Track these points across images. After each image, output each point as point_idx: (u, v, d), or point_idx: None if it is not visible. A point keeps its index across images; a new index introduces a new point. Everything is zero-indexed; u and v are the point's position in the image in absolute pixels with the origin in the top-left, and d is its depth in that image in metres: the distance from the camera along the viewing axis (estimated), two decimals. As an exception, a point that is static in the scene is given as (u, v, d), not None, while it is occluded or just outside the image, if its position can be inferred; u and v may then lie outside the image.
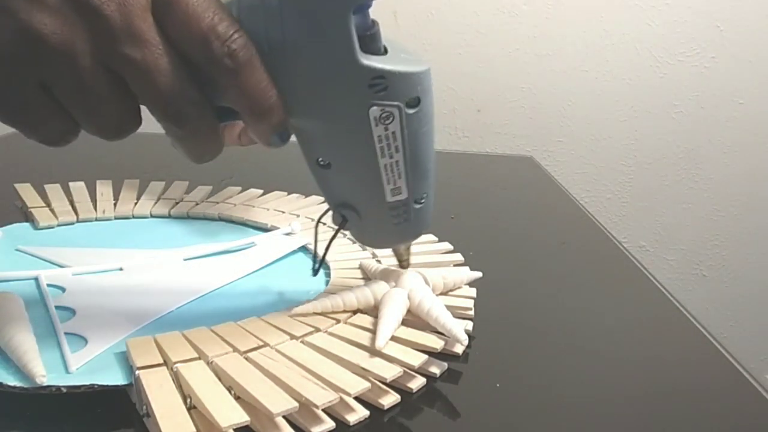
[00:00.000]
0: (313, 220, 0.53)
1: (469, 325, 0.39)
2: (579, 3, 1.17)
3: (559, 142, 1.26)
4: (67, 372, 0.30)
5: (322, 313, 0.37)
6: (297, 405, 0.27)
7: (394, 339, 0.35)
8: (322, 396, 0.28)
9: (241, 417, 0.26)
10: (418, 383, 0.33)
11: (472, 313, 0.40)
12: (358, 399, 0.30)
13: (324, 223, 0.38)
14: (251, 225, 0.53)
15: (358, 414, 0.30)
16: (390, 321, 0.35)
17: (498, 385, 0.34)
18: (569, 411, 0.33)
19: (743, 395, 0.35)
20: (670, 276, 1.34)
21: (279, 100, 0.28)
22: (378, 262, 0.45)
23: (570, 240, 0.59)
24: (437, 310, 0.36)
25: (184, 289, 0.40)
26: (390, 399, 0.31)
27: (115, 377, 0.30)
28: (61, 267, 0.42)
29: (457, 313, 0.39)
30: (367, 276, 0.43)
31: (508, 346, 0.39)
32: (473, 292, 0.42)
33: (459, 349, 0.36)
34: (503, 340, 0.40)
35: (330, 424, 0.29)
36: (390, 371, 0.31)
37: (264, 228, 0.53)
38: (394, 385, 0.32)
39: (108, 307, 0.37)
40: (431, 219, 0.36)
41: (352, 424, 0.29)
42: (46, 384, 0.28)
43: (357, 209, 0.34)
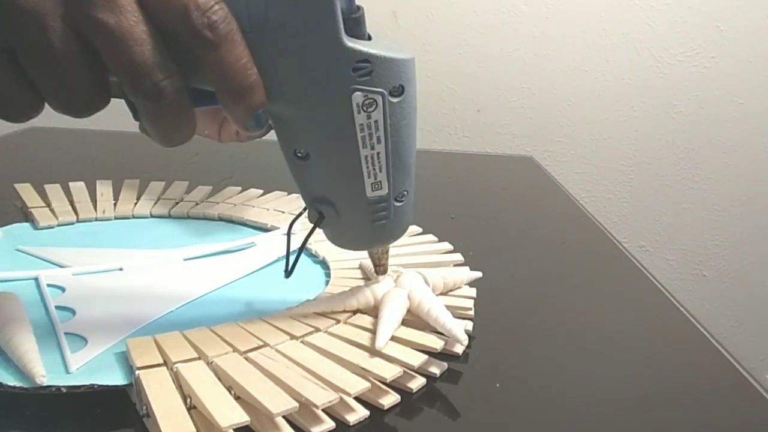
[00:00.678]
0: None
1: (469, 325, 0.39)
2: (579, 3, 1.17)
3: (559, 142, 1.26)
4: (67, 372, 0.30)
5: (322, 313, 0.37)
6: (297, 405, 0.27)
7: (394, 339, 0.35)
8: (322, 396, 0.28)
9: (241, 417, 0.26)
10: (418, 383, 0.33)
11: (472, 313, 0.40)
12: (358, 399, 0.30)
13: (294, 233, 0.37)
14: (251, 225, 0.53)
15: (358, 414, 0.30)
16: (390, 321, 0.35)
17: (498, 385, 0.34)
18: (569, 411, 0.33)
19: (743, 395, 0.35)
20: (670, 276, 1.34)
21: (259, 79, 0.27)
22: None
23: (570, 240, 0.59)
24: (437, 310, 0.36)
25: (184, 289, 0.40)
26: (390, 399, 0.31)
27: (115, 377, 0.30)
28: (61, 267, 0.42)
29: (457, 313, 0.39)
30: (367, 276, 0.43)
31: (508, 346, 0.39)
32: (473, 292, 0.42)
33: (459, 349, 0.36)
34: (503, 340, 0.40)
35: (330, 424, 0.29)
36: (390, 371, 0.31)
37: (264, 228, 0.53)
38: (394, 385, 0.32)
39: (108, 307, 0.37)
40: (411, 221, 0.35)
41: (352, 424, 0.29)
42: (46, 384, 0.28)
43: (335, 205, 0.32)
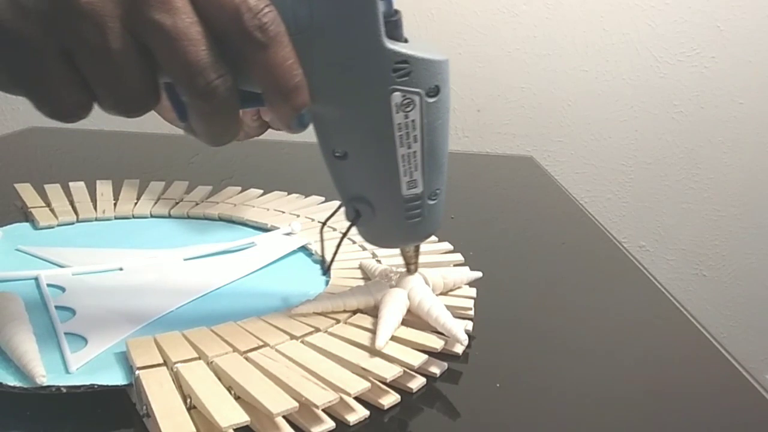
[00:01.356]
0: (313, 220, 0.53)
1: (469, 325, 0.39)
2: (579, 3, 1.17)
3: (559, 142, 1.26)
4: (67, 372, 0.30)
5: (322, 313, 0.37)
6: (297, 405, 0.27)
7: (394, 339, 0.35)
8: (322, 396, 0.28)
9: (241, 417, 0.26)
10: (418, 383, 0.33)
11: (472, 313, 0.40)
12: (358, 399, 0.30)
13: (333, 228, 0.38)
14: (251, 225, 0.53)
15: (358, 414, 0.30)
16: (390, 321, 0.35)
17: (498, 385, 0.34)
18: (569, 411, 0.33)
19: (743, 395, 0.35)
20: (670, 276, 1.34)
21: (304, 80, 0.28)
22: (378, 262, 0.45)
23: (570, 240, 0.59)
24: (437, 310, 0.36)
25: (184, 289, 0.40)
26: (390, 399, 0.31)
27: (115, 377, 0.30)
28: (61, 267, 0.42)
29: (457, 313, 0.39)
30: (367, 276, 0.43)
31: (508, 346, 0.39)
32: (473, 292, 0.42)
33: (459, 349, 0.36)
34: (503, 340, 0.40)
35: (330, 424, 0.29)
36: (390, 371, 0.31)
37: (264, 228, 0.53)
38: (394, 385, 0.32)
39: (108, 307, 0.37)
40: (441, 219, 0.35)
41: (352, 424, 0.29)
42: (46, 384, 0.28)
43: (371, 203, 0.33)
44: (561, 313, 0.44)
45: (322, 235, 0.39)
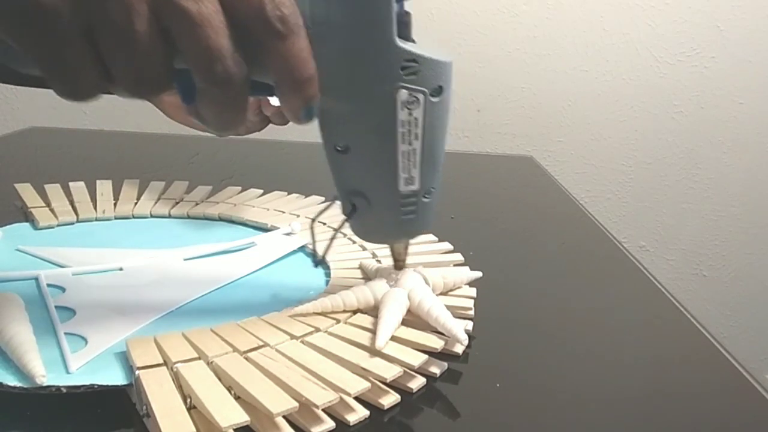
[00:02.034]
0: (314, 220, 0.53)
1: (469, 325, 0.39)
2: (579, 3, 1.17)
3: (559, 142, 1.26)
4: (67, 372, 0.30)
5: (322, 313, 0.37)
6: (297, 405, 0.27)
7: (394, 339, 0.35)
8: (322, 396, 0.28)
9: (241, 417, 0.26)
10: (418, 383, 0.33)
11: (472, 313, 0.40)
12: (358, 399, 0.30)
13: (323, 223, 0.39)
14: (251, 225, 0.53)
15: (358, 414, 0.30)
16: (390, 321, 0.35)
17: (498, 385, 0.34)
18: (569, 411, 0.33)
19: (743, 395, 0.35)
20: (670, 276, 1.34)
21: (316, 73, 0.28)
22: (378, 262, 0.45)
23: (570, 240, 0.59)
24: (437, 310, 0.36)
25: (184, 289, 0.40)
26: (390, 399, 0.31)
27: (115, 377, 0.30)
28: (61, 267, 0.42)
29: (457, 313, 0.39)
30: (367, 276, 0.43)
31: (508, 346, 0.39)
32: (473, 292, 0.42)
33: (459, 349, 0.36)
34: (503, 340, 0.40)
35: (330, 424, 0.29)
36: (390, 371, 0.31)
37: (264, 228, 0.53)
38: (394, 385, 0.32)
39: (108, 307, 0.37)
40: (433, 218, 0.36)
41: (352, 424, 0.29)
42: (46, 384, 0.28)
43: (368, 197, 0.34)
44: (561, 313, 0.44)
45: (313, 230, 0.41)
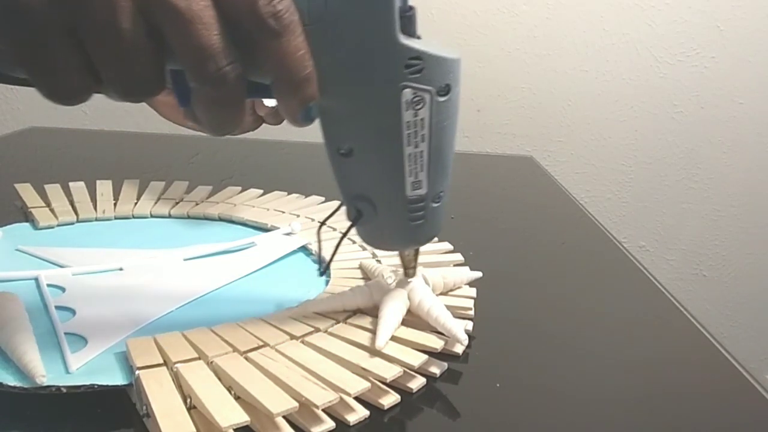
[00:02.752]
0: (314, 220, 0.53)
1: (469, 325, 0.39)
2: (579, 3, 1.17)
3: (559, 142, 1.26)
4: (67, 372, 0.30)
5: (322, 313, 0.37)
6: (297, 405, 0.27)
7: (394, 339, 0.35)
8: (322, 396, 0.28)
9: (241, 417, 0.26)
10: (418, 383, 0.33)
11: (472, 313, 0.40)
12: (358, 399, 0.30)
13: (333, 228, 0.37)
14: (251, 225, 0.53)
15: (358, 414, 0.30)
16: (390, 321, 0.35)
17: (498, 385, 0.34)
18: (569, 411, 0.33)
19: (743, 395, 0.35)
20: (670, 276, 1.34)
21: (314, 72, 0.27)
22: (378, 262, 0.45)
23: (570, 240, 0.59)
24: (437, 310, 0.36)
25: (184, 290, 0.40)
26: (390, 399, 0.31)
27: (115, 377, 0.30)
28: (61, 267, 0.42)
29: (457, 313, 0.39)
30: (367, 276, 0.43)
31: (508, 346, 0.39)
32: (473, 292, 0.42)
33: (459, 349, 0.36)
34: (503, 340, 0.40)
35: (330, 424, 0.29)
36: (390, 371, 0.31)
37: (264, 228, 0.53)
38: (394, 385, 0.32)
39: (108, 307, 0.37)
40: (442, 223, 0.35)
41: (352, 424, 0.29)
42: (46, 384, 0.28)
43: (374, 202, 0.33)
44: (561, 313, 0.44)
45: (319, 236, 0.38)
